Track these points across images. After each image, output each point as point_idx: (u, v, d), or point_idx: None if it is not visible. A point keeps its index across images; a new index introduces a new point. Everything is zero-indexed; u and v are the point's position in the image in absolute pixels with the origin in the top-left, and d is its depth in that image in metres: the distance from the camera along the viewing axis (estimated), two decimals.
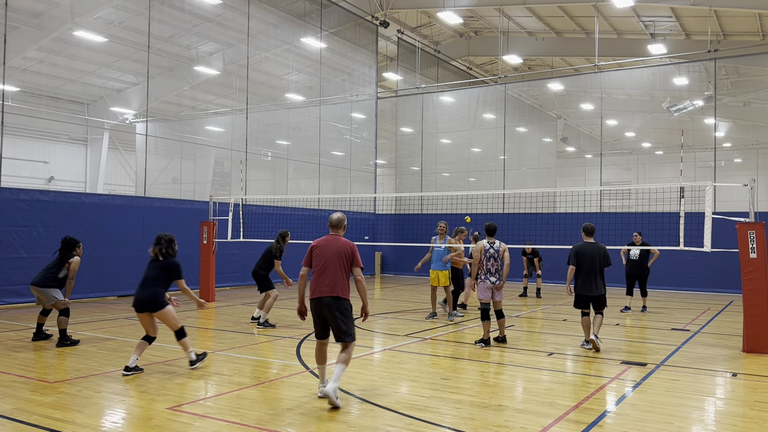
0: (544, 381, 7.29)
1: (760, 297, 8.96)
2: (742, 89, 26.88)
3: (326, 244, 6.27)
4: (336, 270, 6.12)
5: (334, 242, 6.27)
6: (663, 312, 13.89)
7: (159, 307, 7.41)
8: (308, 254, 6.30)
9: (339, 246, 6.22)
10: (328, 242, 6.28)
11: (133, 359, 7.31)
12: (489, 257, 9.31)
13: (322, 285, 6.10)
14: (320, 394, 6.12)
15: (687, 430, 5.60)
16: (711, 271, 18.24)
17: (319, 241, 6.34)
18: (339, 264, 6.15)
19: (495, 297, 9.34)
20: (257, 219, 17.53)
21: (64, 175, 27.51)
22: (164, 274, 7.53)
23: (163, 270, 7.53)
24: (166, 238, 7.63)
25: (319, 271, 6.16)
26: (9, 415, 5.61)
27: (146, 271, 7.59)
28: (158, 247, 7.57)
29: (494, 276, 9.26)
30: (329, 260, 6.15)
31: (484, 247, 9.38)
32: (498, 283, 9.27)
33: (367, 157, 25.62)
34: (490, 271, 9.28)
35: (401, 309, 13.76)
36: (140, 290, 7.46)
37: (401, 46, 26.13)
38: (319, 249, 6.25)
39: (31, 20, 20.34)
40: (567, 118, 30.89)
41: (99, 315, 12.25)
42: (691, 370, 7.91)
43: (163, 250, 7.56)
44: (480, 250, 9.42)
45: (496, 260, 9.29)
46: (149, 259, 7.64)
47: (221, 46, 23.89)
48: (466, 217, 14.29)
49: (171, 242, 7.65)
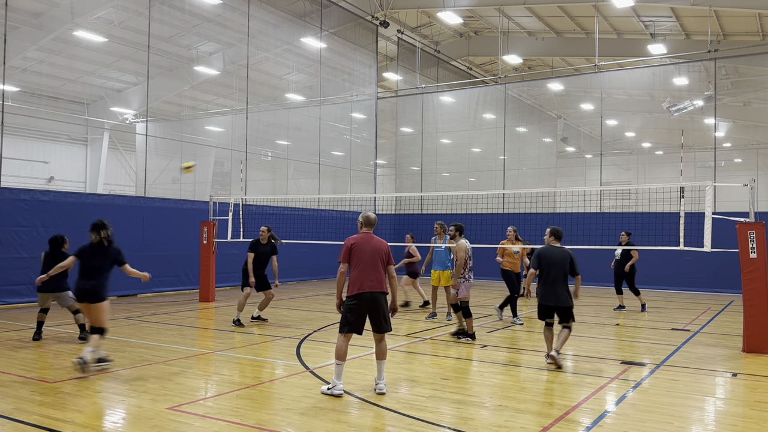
0: (544, 381, 7.29)
1: (760, 297, 8.96)
2: (742, 89, 26.88)
3: (365, 242, 6.59)
4: (378, 267, 6.52)
5: (372, 240, 6.64)
6: (663, 312, 13.89)
7: (101, 298, 7.30)
8: (347, 252, 6.55)
9: (376, 244, 6.62)
10: (366, 240, 6.61)
11: (86, 351, 7.14)
12: (470, 257, 9.66)
13: (367, 280, 6.44)
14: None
15: (687, 430, 5.60)
16: (711, 271, 18.22)
17: (356, 238, 6.63)
18: (380, 261, 6.55)
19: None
20: (257, 219, 17.50)
21: (64, 175, 27.52)
22: (110, 260, 7.39)
23: (109, 256, 7.39)
24: (106, 222, 7.51)
25: (362, 267, 6.47)
26: (9, 415, 5.61)
27: (89, 260, 7.36)
28: (104, 231, 7.41)
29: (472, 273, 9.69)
30: (371, 257, 6.51)
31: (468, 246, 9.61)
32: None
33: (367, 157, 25.63)
34: (473, 270, 9.72)
35: (401, 309, 13.76)
36: (85, 280, 7.28)
37: (401, 46, 26.13)
38: (359, 246, 6.54)
39: (31, 20, 20.34)
40: (567, 118, 30.90)
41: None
42: (691, 370, 7.91)
43: (107, 234, 7.41)
44: (464, 249, 9.57)
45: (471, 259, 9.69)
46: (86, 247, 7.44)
47: (221, 46, 23.89)
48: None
49: (109, 227, 7.53)
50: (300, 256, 19.77)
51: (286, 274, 19.80)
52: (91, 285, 7.29)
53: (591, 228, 16.78)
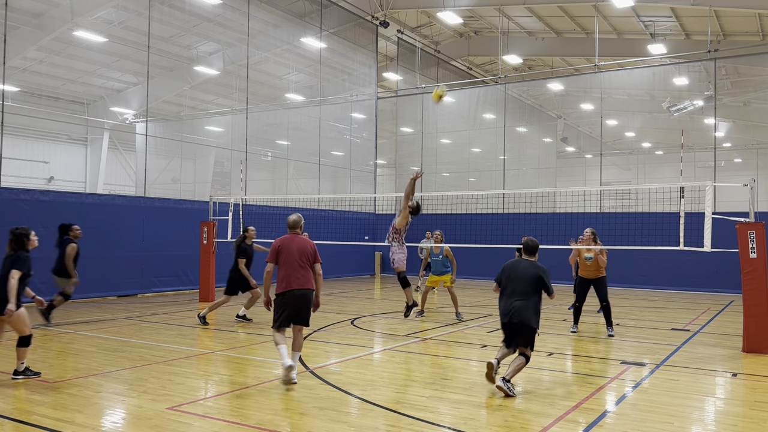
0: (544, 381, 7.28)
1: (760, 297, 8.96)
2: (742, 89, 26.88)
3: (289, 242, 7.08)
4: (305, 265, 7.00)
5: (295, 240, 7.12)
6: (663, 312, 13.89)
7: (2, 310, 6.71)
8: (274, 253, 7.02)
9: (301, 244, 7.09)
10: (290, 241, 7.10)
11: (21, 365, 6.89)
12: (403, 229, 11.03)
13: (294, 279, 6.91)
14: (288, 364, 6.71)
15: (687, 430, 5.60)
16: (711, 271, 18.23)
17: (282, 240, 7.12)
18: (306, 260, 7.03)
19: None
20: (257, 219, 17.52)
21: (64, 175, 27.51)
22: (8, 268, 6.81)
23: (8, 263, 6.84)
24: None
25: (289, 266, 6.94)
26: (9, 415, 5.61)
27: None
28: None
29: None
30: (298, 257, 6.99)
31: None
32: None
33: (367, 157, 25.62)
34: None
35: (401, 309, 13.76)
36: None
37: (401, 46, 26.12)
38: (284, 247, 7.03)
39: (31, 20, 20.34)
40: (567, 118, 30.90)
41: (99, 315, 12.24)
42: (691, 370, 7.91)
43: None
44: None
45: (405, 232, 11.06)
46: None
47: (221, 46, 23.89)
48: None
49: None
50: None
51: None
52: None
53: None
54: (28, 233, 7.04)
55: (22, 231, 7.02)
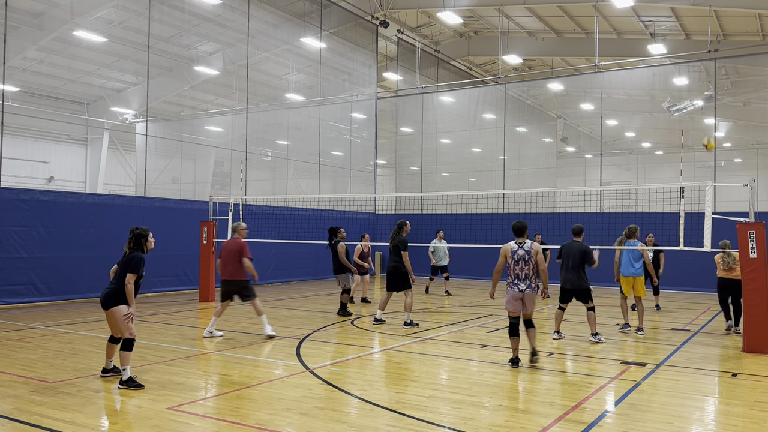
0: (544, 381, 7.29)
1: (760, 297, 8.96)
2: (742, 89, 26.87)
3: (227, 243, 9.99)
4: (235, 260, 9.75)
5: (230, 242, 9.95)
6: (663, 312, 13.89)
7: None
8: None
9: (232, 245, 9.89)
10: (227, 242, 10.00)
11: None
12: (518, 260, 7.86)
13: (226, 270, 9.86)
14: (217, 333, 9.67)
15: (687, 430, 5.60)
16: (711, 271, 18.17)
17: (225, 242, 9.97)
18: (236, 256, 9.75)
19: (525, 308, 7.90)
20: (257, 219, 17.54)
21: (64, 175, 27.51)
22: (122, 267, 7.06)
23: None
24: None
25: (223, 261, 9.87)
26: (9, 415, 5.61)
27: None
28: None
29: (523, 282, 7.81)
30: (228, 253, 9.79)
31: (512, 248, 7.93)
32: (528, 291, 7.80)
33: (367, 157, 25.62)
34: (519, 277, 7.83)
35: (401, 309, 13.75)
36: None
37: (401, 46, 26.12)
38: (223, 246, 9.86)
39: (31, 20, 20.34)
40: (567, 118, 30.89)
41: (99, 315, 12.21)
42: (691, 370, 7.91)
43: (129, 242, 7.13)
44: (506, 253, 7.97)
45: (526, 263, 7.83)
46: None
47: (221, 46, 23.88)
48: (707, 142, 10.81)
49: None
50: (300, 256, 19.77)
51: (286, 274, 19.82)
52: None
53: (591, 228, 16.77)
54: (146, 234, 7.10)
55: (141, 232, 7.09)
